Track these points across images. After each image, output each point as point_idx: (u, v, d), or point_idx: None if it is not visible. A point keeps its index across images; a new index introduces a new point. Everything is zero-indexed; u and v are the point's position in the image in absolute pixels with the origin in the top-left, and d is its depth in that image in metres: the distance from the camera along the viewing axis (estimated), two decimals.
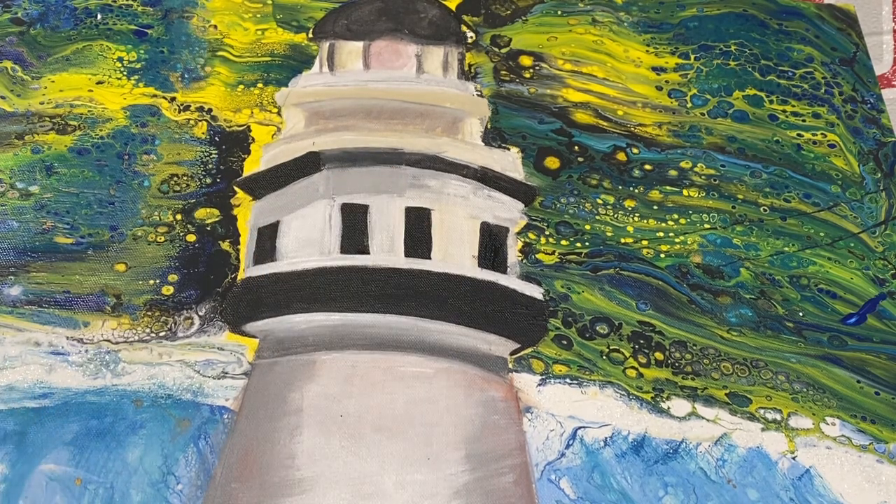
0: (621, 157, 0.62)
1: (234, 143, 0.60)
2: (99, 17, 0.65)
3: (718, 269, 0.58)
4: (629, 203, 0.60)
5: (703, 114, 0.65)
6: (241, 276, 0.55)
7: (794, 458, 0.51)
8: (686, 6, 0.71)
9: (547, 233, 0.58)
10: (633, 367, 0.53)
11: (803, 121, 0.66)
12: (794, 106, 0.66)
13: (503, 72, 0.66)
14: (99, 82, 0.62)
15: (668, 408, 0.52)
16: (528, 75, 0.66)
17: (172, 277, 0.54)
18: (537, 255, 0.57)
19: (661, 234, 0.59)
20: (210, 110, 0.61)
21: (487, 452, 0.49)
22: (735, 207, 0.61)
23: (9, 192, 0.57)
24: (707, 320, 0.56)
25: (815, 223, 0.60)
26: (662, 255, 0.58)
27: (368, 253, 0.55)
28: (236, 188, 0.58)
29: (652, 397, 0.52)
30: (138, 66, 0.63)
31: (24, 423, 0.48)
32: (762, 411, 0.52)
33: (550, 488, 0.48)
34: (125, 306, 0.53)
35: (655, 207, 0.60)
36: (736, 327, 0.55)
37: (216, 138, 0.60)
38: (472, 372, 0.52)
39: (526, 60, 0.67)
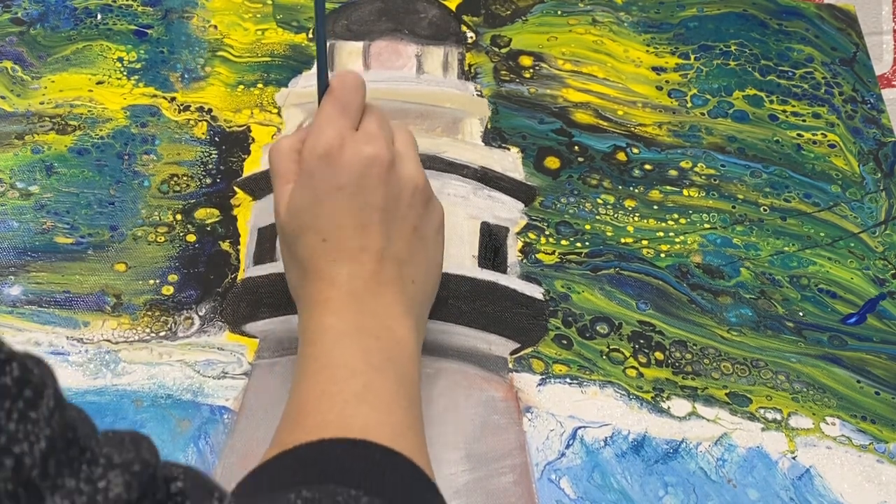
0: (621, 157, 0.62)
1: (234, 143, 0.60)
2: (99, 17, 0.65)
3: (718, 269, 0.58)
4: (629, 203, 0.60)
5: (703, 114, 0.65)
6: (241, 276, 0.55)
7: (794, 458, 0.51)
8: (686, 6, 0.71)
9: (547, 233, 0.58)
10: (633, 367, 0.53)
11: (803, 121, 0.66)
12: (794, 106, 0.66)
13: (503, 72, 0.66)
14: (99, 82, 0.62)
15: (668, 408, 0.52)
16: (528, 75, 0.66)
17: (172, 277, 0.54)
18: (537, 255, 0.57)
19: (661, 234, 0.59)
20: (210, 110, 0.61)
21: (487, 452, 0.49)
22: (735, 207, 0.61)
23: (9, 192, 0.57)
24: (707, 320, 0.56)
25: (815, 223, 0.60)
26: (662, 255, 0.58)
27: None
28: (236, 188, 0.58)
29: (652, 397, 0.52)
30: (138, 66, 0.63)
31: None
32: (762, 411, 0.52)
33: (550, 488, 0.48)
34: (125, 306, 0.53)
35: (655, 207, 0.60)
36: (736, 327, 0.55)
37: (216, 138, 0.60)
38: (472, 372, 0.52)
39: (526, 60, 0.67)
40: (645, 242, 0.58)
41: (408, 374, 0.42)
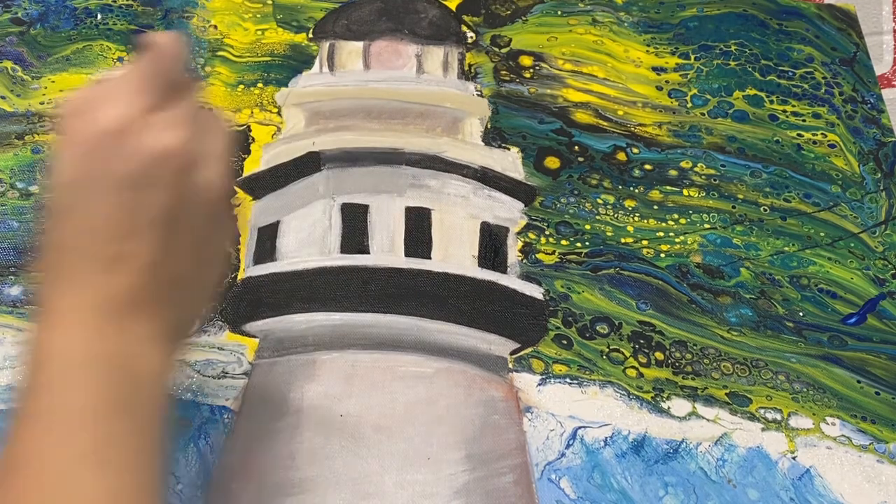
0: (621, 157, 0.62)
1: (233, 143, 0.60)
2: (99, 17, 0.65)
3: (718, 269, 0.58)
4: (629, 203, 0.60)
5: (703, 114, 0.65)
6: (241, 276, 0.55)
7: (794, 458, 0.51)
8: (686, 6, 0.71)
9: (547, 233, 0.58)
10: (633, 367, 0.53)
11: (803, 121, 0.66)
12: (794, 106, 0.66)
13: (503, 72, 0.66)
14: None
15: (668, 408, 0.52)
16: (528, 75, 0.66)
17: None
18: (537, 255, 0.57)
19: (661, 234, 0.59)
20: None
21: (487, 452, 0.49)
22: (735, 207, 0.61)
23: (9, 192, 0.57)
24: (707, 320, 0.56)
25: (815, 223, 0.60)
26: (662, 255, 0.58)
27: (368, 253, 0.55)
28: (236, 188, 0.58)
29: (652, 397, 0.52)
30: None
31: None
32: (762, 411, 0.52)
33: (550, 488, 0.48)
34: None
35: (655, 207, 0.60)
36: (736, 327, 0.55)
37: None
38: (472, 372, 0.52)
39: (526, 60, 0.67)
40: (645, 242, 0.58)
41: (149, 411, 0.35)
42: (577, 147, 0.62)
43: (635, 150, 0.62)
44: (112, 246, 0.35)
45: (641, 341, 0.54)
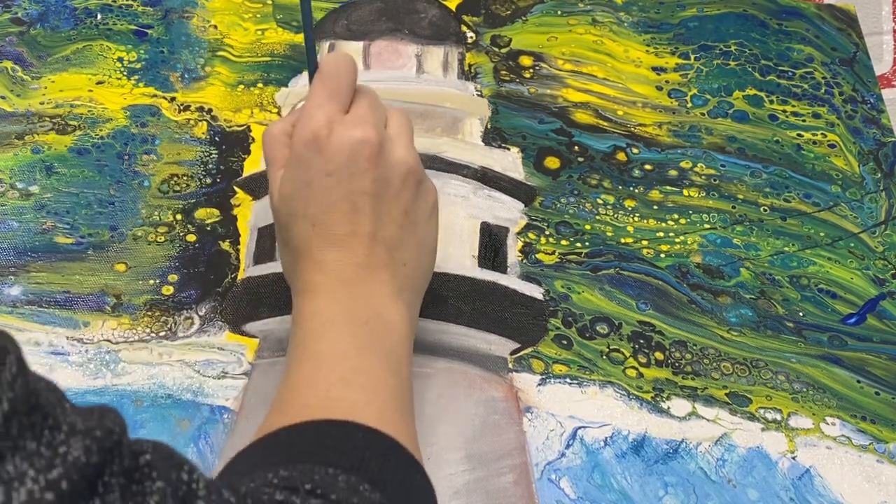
0: (621, 157, 0.62)
1: (234, 143, 0.60)
2: (99, 17, 0.65)
3: (718, 269, 0.58)
4: (629, 203, 0.60)
5: (703, 114, 0.65)
6: (241, 276, 0.55)
7: (794, 458, 0.51)
8: (686, 6, 0.71)
9: (547, 233, 0.58)
10: (633, 367, 0.53)
11: (803, 121, 0.65)
12: (794, 106, 0.66)
13: (503, 72, 0.66)
14: (99, 82, 0.62)
15: (668, 408, 0.52)
16: (528, 75, 0.66)
17: (172, 277, 0.54)
18: (537, 255, 0.57)
19: (661, 234, 0.59)
20: (210, 110, 0.61)
21: (487, 452, 0.49)
22: (735, 207, 0.61)
23: (9, 192, 0.57)
24: (707, 320, 0.56)
25: (815, 223, 0.60)
26: (662, 255, 0.58)
27: None
28: (236, 188, 0.58)
29: (652, 397, 0.52)
30: (138, 66, 0.63)
31: None
32: (762, 411, 0.52)
33: (550, 488, 0.48)
34: (125, 306, 0.53)
35: (655, 207, 0.60)
36: (736, 327, 0.55)
37: (216, 138, 0.60)
38: (472, 372, 0.52)
39: (526, 60, 0.67)
40: (645, 242, 0.58)
41: (397, 355, 0.42)
42: (577, 147, 0.62)
43: (635, 150, 0.62)
44: (342, 227, 0.42)
45: (641, 341, 0.54)
